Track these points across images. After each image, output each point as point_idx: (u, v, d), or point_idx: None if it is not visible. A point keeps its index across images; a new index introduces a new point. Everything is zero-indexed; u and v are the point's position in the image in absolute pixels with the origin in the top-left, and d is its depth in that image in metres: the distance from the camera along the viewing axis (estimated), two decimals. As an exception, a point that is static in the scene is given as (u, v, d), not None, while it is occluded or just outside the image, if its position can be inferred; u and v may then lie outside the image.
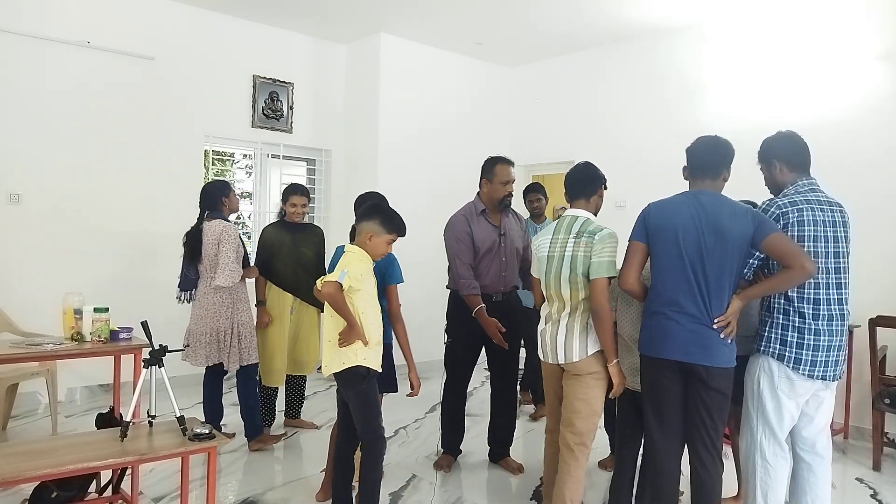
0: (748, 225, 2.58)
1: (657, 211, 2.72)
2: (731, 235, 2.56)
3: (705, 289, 2.57)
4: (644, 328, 2.74)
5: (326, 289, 2.75)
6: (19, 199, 4.92)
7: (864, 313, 4.28)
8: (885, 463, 4.21)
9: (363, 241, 2.92)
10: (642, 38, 6.09)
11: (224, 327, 3.97)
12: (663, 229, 2.65)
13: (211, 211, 4.07)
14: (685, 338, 2.58)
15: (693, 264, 2.58)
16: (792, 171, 2.79)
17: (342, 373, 2.88)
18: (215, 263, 3.92)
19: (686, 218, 2.62)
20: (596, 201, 3.01)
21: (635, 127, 6.12)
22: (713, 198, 2.66)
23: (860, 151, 4.73)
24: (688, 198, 2.69)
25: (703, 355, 2.57)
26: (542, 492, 3.65)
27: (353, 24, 6.13)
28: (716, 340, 2.57)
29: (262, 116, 6.15)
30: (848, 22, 4.85)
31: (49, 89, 5.03)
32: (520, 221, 4.01)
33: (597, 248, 2.79)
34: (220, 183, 4.28)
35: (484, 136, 6.87)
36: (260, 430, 4.17)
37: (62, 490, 2.88)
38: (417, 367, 3.22)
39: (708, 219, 2.59)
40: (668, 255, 2.64)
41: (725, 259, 2.57)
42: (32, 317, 4.56)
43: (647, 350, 2.72)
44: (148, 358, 2.70)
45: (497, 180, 3.75)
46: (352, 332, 2.81)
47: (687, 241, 2.59)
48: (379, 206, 3.05)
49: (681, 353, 2.60)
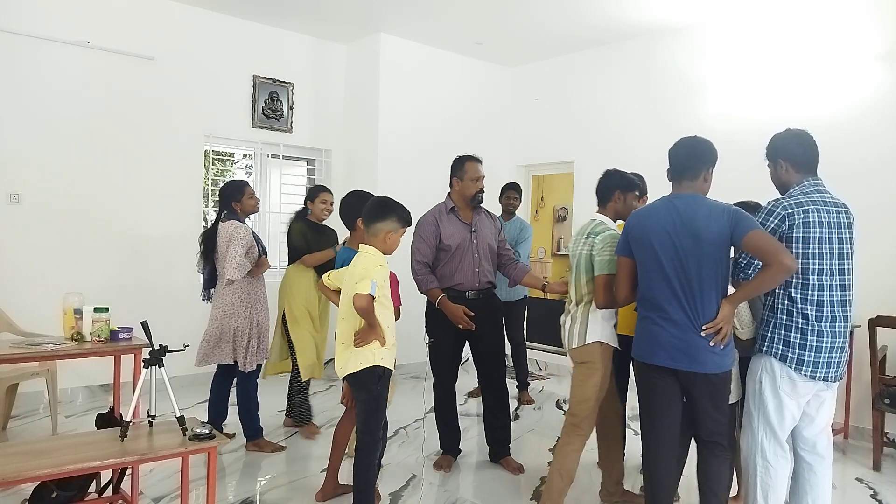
0: (725, 224, 2.53)
1: (636, 220, 2.74)
2: (708, 236, 2.53)
3: (689, 294, 2.56)
4: (636, 334, 2.78)
5: (360, 302, 2.74)
6: (19, 199, 4.92)
7: (864, 313, 4.28)
8: (885, 463, 4.21)
9: (381, 240, 2.92)
10: (642, 38, 6.09)
11: (241, 326, 4.01)
12: (642, 237, 2.67)
13: (227, 212, 4.13)
14: (672, 344, 2.59)
15: (673, 269, 2.57)
16: (797, 172, 2.77)
17: (359, 373, 2.87)
18: None
19: (661, 223, 2.61)
20: (613, 206, 3.23)
21: (635, 127, 6.11)
22: (689, 199, 2.65)
23: (860, 151, 4.72)
24: (665, 202, 2.69)
25: (690, 362, 2.57)
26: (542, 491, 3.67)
27: (353, 24, 6.13)
28: (703, 348, 2.55)
29: (262, 116, 6.15)
30: (848, 22, 4.85)
31: (49, 89, 5.03)
32: (493, 220, 4.01)
33: (597, 247, 3.04)
34: (234, 185, 4.27)
35: (484, 136, 6.87)
36: (258, 434, 4.16)
37: (62, 490, 2.87)
38: (413, 369, 3.22)
39: (683, 222, 2.58)
40: (647, 263, 2.65)
41: (704, 262, 2.54)
42: (32, 317, 4.55)
43: (639, 355, 2.75)
44: (148, 358, 2.70)
45: (468, 177, 3.82)
46: (371, 332, 2.83)
47: (663, 247, 2.59)
48: (388, 203, 3.01)
49: (669, 360, 2.61)
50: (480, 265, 3.83)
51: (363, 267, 2.83)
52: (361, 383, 2.90)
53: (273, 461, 4.01)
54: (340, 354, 2.94)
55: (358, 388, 2.93)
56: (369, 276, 2.77)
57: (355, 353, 2.87)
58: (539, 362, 7.02)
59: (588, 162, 6.51)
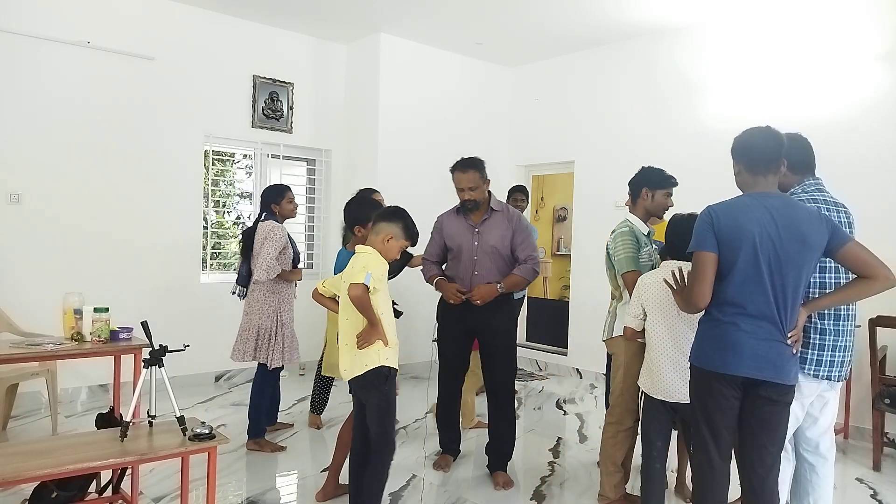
0: (825, 232, 2.37)
1: (725, 216, 2.41)
2: (813, 244, 2.35)
3: (782, 300, 2.36)
4: (704, 339, 2.49)
5: (354, 291, 2.70)
6: (19, 199, 4.92)
7: (864, 313, 4.28)
8: (885, 463, 4.21)
9: (380, 241, 2.89)
10: (642, 38, 6.08)
11: (267, 325, 4.08)
12: (737, 237, 2.36)
13: (266, 213, 4.24)
14: (758, 353, 2.35)
15: (771, 274, 2.34)
16: (795, 174, 2.75)
17: (366, 374, 2.82)
18: None
19: (762, 224, 2.35)
20: (642, 204, 3.36)
21: (635, 127, 6.11)
22: (785, 201, 2.43)
23: (860, 151, 4.72)
24: (755, 200, 2.41)
25: (776, 372, 2.36)
26: (544, 492, 3.66)
27: (353, 24, 6.13)
28: (789, 356, 2.39)
29: (262, 116, 6.15)
30: (848, 22, 4.85)
31: (49, 89, 5.03)
32: (510, 221, 3.77)
33: (612, 247, 3.30)
34: (275, 189, 4.36)
35: (484, 136, 6.87)
36: (261, 433, 4.18)
37: (62, 490, 2.87)
38: (413, 369, 3.22)
39: (787, 225, 2.35)
40: (743, 264, 2.35)
41: (804, 269, 2.36)
42: (32, 317, 4.56)
43: (706, 363, 2.46)
44: (148, 358, 2.70)
45: (455, 187, 3.77)
46: (373, 331, 2.78)
47: (764, 249, 2.33)
48: (402, 213, 3.01)
49: (752, 369, 2.36)
50: (480, 267, 3.70)
51: (362, 264, 2.80)
52: (370, 385, 2.85)
53: (273, 461, 4.01)
54: (345, 356, 2.88)
55: (367, 390, 2.88)
56: (367, 269, 2.74)
57: (359, 356, 2.82)
58: (539, 362, 7.02)
59: (588, 162, 6.52)
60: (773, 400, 2.39)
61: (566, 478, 3.87)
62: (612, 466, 3.31)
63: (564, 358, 6.76)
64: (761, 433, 2.42)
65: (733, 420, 2.44)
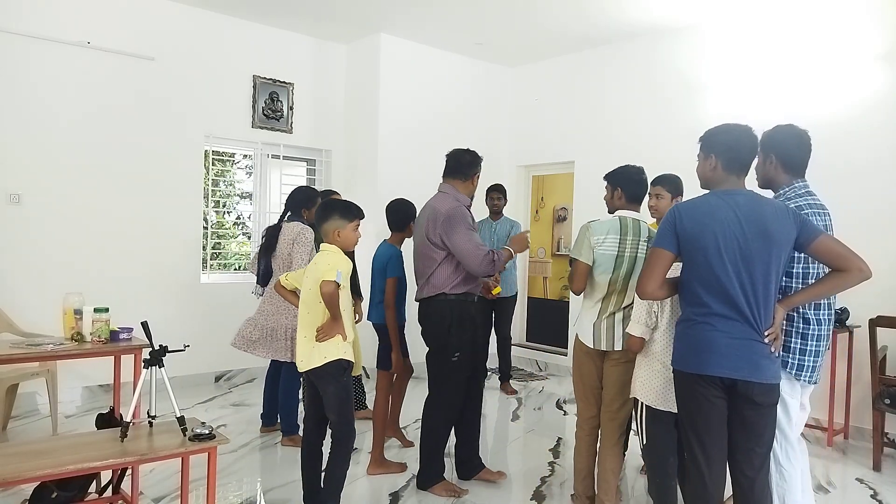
0: (792, 226, 2.36)
1: (689, 216, 2.43)
2: (779, 238, 2.34)
3: (753, 298, 2.34)
4: (680, 341, 2.48)
5: (327, 288, 2.84)
6: (19, 199, 4.91)
7: (864, 313, 4.29)
8: (885, 463, 4.21)
9: (333, 238, 3.03)
10: (642, 38, 6.08)
11: (285, 325, 4.09)
12: (700, 237, 2.38)
13: (292, 214, 4.23)
14: (732, 352, 2.33)
15: (739, 273, 2.33)
16: (786, 172, 2.71)
17: (325, 366, 2.95)
18: (288, 262, 4.06)
19: (725, 221, 2.36)
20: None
21: (635, 127, 6.11)
22: (751, 196, 2.42)
23: (860, 151, 4.72)
24: (719, 198, 2.42)
25: (752, 371, 2.33)
26: (544, 492, 3.66)
27: (353, 24, 6.13)
28: (766, 355, 2.36)
29: (262, 117, 6.15)
30: (848, 22, 4.85)
31: (49, 89, 5.02)
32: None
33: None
34: (307, 192, 4.39)
35: (484, 136, 6.86)
36: (294, 430, 4.21)
37: (62, 490, 2.87)
38: (415, 369, 3.22)
39: (751, 220, 2.35)
40: (705, 263, 2.37)
41: (771, 264, 2.34)
42: (32, 317, 4.56)
43: (684, 365, 2.45)
44: (148, 358, 2.70)
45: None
46: (335, 326, 2.92)
47: (728, 247, 2.33)
48: (327, 204, 3.17)
49: (727, 369, 2.34)
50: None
51: (327, 263, 2.93)
52: (329, 376, 2.97)
53: (273, 461, 4.01)
54: (302, 347, 3.01)
55: (325, 380, 2.99)
56: (336, 267, 2.88)
57: (319, 348, 2.94)
58: (539, 362, 7.01)
59: (588, 162, 6.51)
60: (755, 402, 2.35)
61: (566, 478, 3.86)
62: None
63: (564, 358, 6.75)
64: (747, 436, 2.40)
65: (718, 421, 2.40)
